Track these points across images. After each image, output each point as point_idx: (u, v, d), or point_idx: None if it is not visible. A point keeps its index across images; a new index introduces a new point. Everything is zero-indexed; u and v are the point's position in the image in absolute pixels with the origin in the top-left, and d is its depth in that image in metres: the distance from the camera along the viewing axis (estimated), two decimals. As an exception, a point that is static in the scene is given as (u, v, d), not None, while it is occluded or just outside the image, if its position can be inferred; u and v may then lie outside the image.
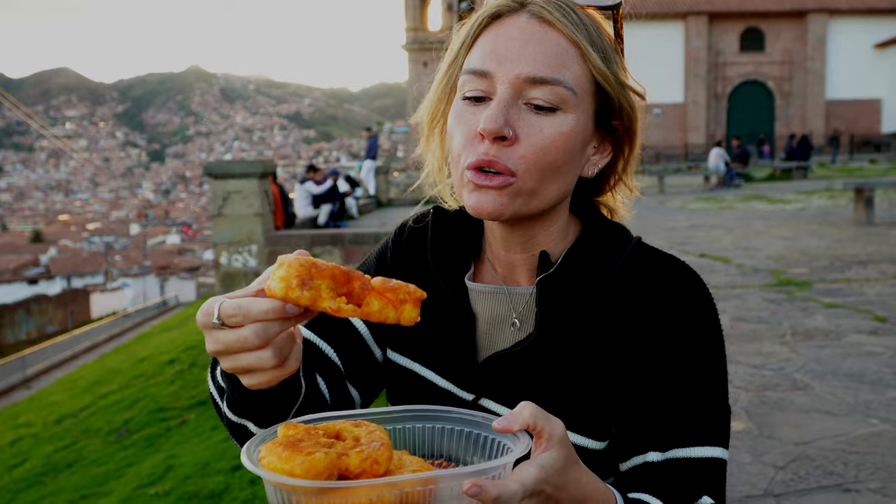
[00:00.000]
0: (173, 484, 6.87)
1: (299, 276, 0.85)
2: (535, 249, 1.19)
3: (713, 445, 1.12)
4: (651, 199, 23.45)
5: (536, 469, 0.84)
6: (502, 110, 1.04)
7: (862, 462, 4.40)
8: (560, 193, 1.13)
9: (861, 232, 14.35)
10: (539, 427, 0.86)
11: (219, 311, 0.88)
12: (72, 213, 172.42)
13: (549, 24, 1.07)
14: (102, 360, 25.34)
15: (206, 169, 12.49)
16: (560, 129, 1.07)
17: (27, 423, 14.93)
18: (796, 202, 20.55)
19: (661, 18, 50.57)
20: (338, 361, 1.27)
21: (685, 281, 1.16)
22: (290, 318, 0.88)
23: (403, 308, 0.91)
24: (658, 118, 51.30)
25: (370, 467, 0.81)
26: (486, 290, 1.23)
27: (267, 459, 0.80)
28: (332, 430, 0.89)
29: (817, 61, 50.62)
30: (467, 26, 1.13)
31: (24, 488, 9.60)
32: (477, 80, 1.08)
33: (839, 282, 9.72)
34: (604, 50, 1.11)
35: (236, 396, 1.02)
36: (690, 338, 1.13)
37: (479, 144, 1.07)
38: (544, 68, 1.05)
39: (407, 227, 1.35)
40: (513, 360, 1.17)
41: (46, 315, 51.33)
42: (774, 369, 6.25)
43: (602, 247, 1.19)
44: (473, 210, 1.09)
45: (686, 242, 13.83)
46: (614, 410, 1.14)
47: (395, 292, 0.91)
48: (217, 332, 0.89)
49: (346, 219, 18.62)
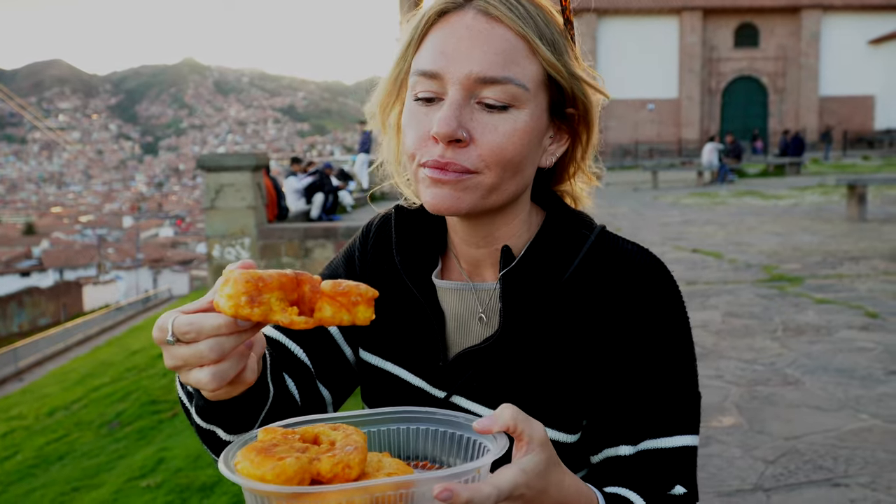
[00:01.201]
0: (165, 476, 6.88)
1: (247, 292, 0.84)
2: (498, 243, 1.19)
3: (683, 434, 1.12)
4: (645, 195, 23.47)
5: (516, 472, 0.84)
6: (454, 113, 1.03)
7: (851, 457, 4.43)
8: (519, 187, 1.12)
9: (854, 228, 14.40)
10: (519, 429, 0.86)
11: (172, 327, 0.88)
12: (65, 206, 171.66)
13: (496, 20, 1.05)
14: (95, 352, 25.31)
15: (200, 162, 12.46)
16: (514, 126, 1.06)
17: (19, 415, 14.91)
18: (789, 198, 20.60)
19: (656, 13, 50.58)
20: (307, 362, 1.27)
21: (649, 269, 1.15)
22: (244, 332, 0.88)
23: (357, 309, 0.90)
24: (652, 113, 51.36)
25: (342, 472, 0.81)
26: (453, 286, 1.23)
27: (241, 465, 0.80)
28: (310, 434, 0.89)
29: (811, 57, 50.70)
30: (413, 23, 1.12)
31: (15, 480, 9.58)
32: (427, 82, 1.07)
33: (831, 277, 9.76)
34: (553, 41, 1.09)
35: (203, 404, 1.02)
36: (655, 327, 1.12)
37: (434, 146, 1.06)
38: (494, 67, 1.04)
39: (373, 226, 1.34)
40: (481, 356, 1.17)
41: (39, 307, 51.19)
42: (765, 364, 6.27)
43: (564, 237, 1.18)
44: (431, 206, 1.08)
45: (679, 238, 13.85)
46: (585, 403, 1.14)
47: (346, 295, 0.90)
48: (173, 347, 0.89)
49: (339, 212, 18.60)
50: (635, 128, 50.86)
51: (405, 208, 1.29)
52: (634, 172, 34.85)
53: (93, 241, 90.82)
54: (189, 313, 0.89)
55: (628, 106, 50.81)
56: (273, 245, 12.36)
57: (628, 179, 30.58)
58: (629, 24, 50.47)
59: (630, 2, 50.42)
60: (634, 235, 13.91)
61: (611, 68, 50.06)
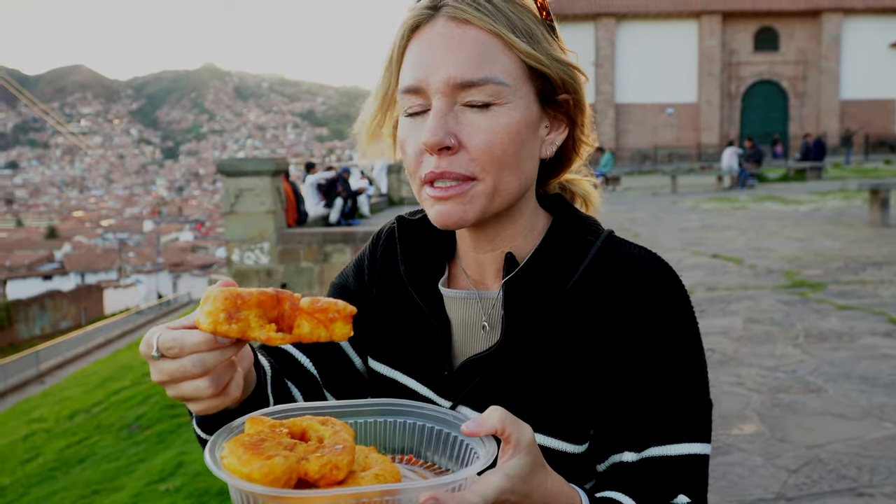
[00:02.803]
0: (184, 480, 6.90)
1: (225, 309, 0.86)
2: (503, 247, 1.18)
3: (691, 442, 1.09)
4: (664, 199, 23.36)
5: (501, 478, 0.84)
6: (440, 121, 1.04)
7: (876, 466, 4.37)
8: (521, 184, 1.11)
9: (876, 233, 14.25)
10: (507, 432, 0.86)
11: (157, 342, 0.89)
12: (86, 210, 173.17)
13: (466, 23, 1.05)
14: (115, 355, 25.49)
15: (219, 166, 12.54)
16: (500, 123, 1.05)
17: (40, 417, 15.04)
18: (810, 203, 20.44)
19: (675, 17, 50.38)
20: (314, 371, 1.28)
21: (655, 273, 1.13)
22: (225, 348, 0.89)
23: (334, 326, 0.91)
24: (671, 118, 51.14)
25: (330, 472, 0.81)
26: (458, 295, 1.22)
27: (228, 460, 0.81)
28: (298, 427, 0.90)
29: (832, 61, 50.31)
30: (391, 44, 1.13)
31: (36, 483, 9.65)
32: (412, 97, 1.08)
33: (853, 283, 9.66)
34: (528, 32, 1.08)
35: (203, 417, 1.03)
36: (662, 332, 1.11)
37: (429, 158, 1.07)
38: (469, 70, 1.04)
39: (382, 235, 1.35)
40: (486, 365, 1.16)
41: (60, 311, 51.67)
42: (787, 371, 6.21)
43: (570, 243, 1.17)
44: (438, 223, 1.09)
45: (698, 243, 13.77)
46: (591, 412, 1.13)
47: (324, 312, 0.91)
48: (159, 362, 0.90)
49: (357, 217, 18.64)
50: (654, 132, 50.66)
51: (408, 219, 1.30)
52: (653, 177, 34.70)
53: (114, 245, 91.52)
54: (174, 329, 0.90)
55: (647, 110, 50.63)
56: (292, 249, 12.41)
57: (647, 184, 30.46)
58: (648, 28, 50.31)
59: (649, 6, 50.26)
60: (653, 240, 13.84)
61: (630, 72, 49.95)
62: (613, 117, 50.22)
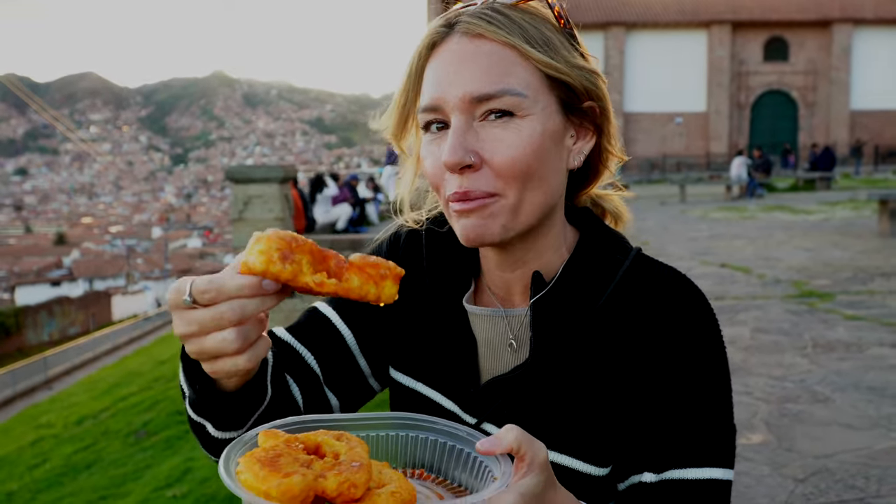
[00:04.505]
0: (191, 486, 6.91)
1: (280, 249, 0.83)
2: (530, 266, 1.17)
3: (713, 466, 1.08)
4: (672, 208, 23.32)
5: (515, 498, 0.83)
6: (459, 139, 1.03)
7: (884, 476, 4.35)
8: (547, 198, 1.09)
9: (885, 244, 14.20)
10: (522, 451, 0.86)
11: (191, 287, 0.85)
12: (95, 216, 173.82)
13: (480, 37, 1.05)
14: (123, 362, 25.53)
15: (228, 173, 12.57)
16: (522, 136, 1.04)
17: (48, 423, 15.07)
18: (819, 213, 20.38)
19: (684, 27, 50.38)
20: (316, 367, 1.25)
21: (685, 296, 1.13)
22: (266, 295, 0.85)
23: (384, 284, 0.89)
24: (680, 127, 51.09)
25: (347, 491, 0.79)
26: (484, 312, 1.21)
27: (244, 476, 0.79)
28: (313, 442, 0.88)
29: (842, 71, 50.22)
30: (410, 64, 1.12)
31: (44, 488, 9.67)
32: (430, 115, 1.07)
33: (862, 294, 9.63)
34: (545, 41, 1.07)
35: (197, 395, 1.01)
36: (690, 355, 1.09)
37: (451, 176, 1.06)
38: (485, 84, 1.03)
39: (402, 240, 1.33)
40: (512, 385, 1.14)
41: (68, 317, 51.81)
42: (795, 381, 6.19)
43: (598, 262, 1.15)
44: (463, 239, 1.08)
45: (707, 252, 13.74)
46: (616, 435, 1.11)
47: (376, 267, 0.89)
48: (188, 311, 0.86)
49: (366, 224, 18.66)
50: (663, 141, 50.60)
51: (437, 230, 1.28)
52: (662, 186, 34.64)
53: (122, 252, 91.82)
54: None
55: (656, 119, 50.60)
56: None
57: (656, 193, 30.41)
58: (657, 37, 50.31)
59: (658, 15, 50.28)
60: (661, 249, 13.82)
61: (639, 82, 49.92)
62: (622, 126, 50.06)
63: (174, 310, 0.88)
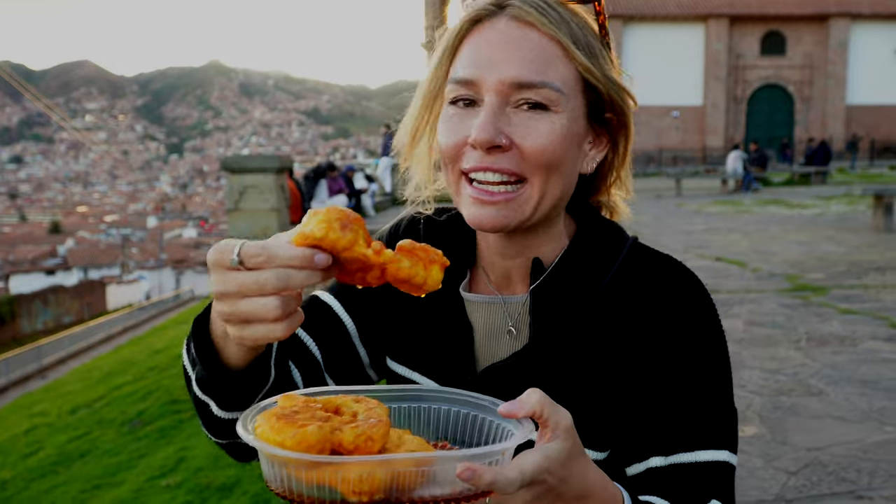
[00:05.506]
0: (185, 476, 6.91)
1: (339, 219, 0.85)
2: (530, 254, 1.17)
3: (718, 449, 1.09)
4: (668, 202, 23.34)
5: (540, 457, 0.82)
6: (492, 119, 1.03)
7: (875, 469, 4.37)
8: (563, 193, 1.11)
9: (879, 238, 14.24)
10: (546, 415, 0.84)
11: (240, 248, 0.85)
12: (90, 205, 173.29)
13: (530, 25, 1.05)
14: (117, 351, 25.49)
15: (224, 163, 12.56)
16: (553, 129, 1.05)
17: (42, 412, 15.05)
18: (814, 207, 20.42)
19: (682, 20, 50.35)
20: (317, 353, 1.26)
21: (683, 282, 1.14)
22: (315, 270, 0.84)
23: (432, 268, 0.90)
24: (676, 120, 51.11)
25: (364, 444, 0.79)
26: (482, 300, 1.21)
27: (261, 429, 0.79)
28: (332, 404, 0.88)
29: (839, 66, 50.26)
30: (449, 34, 1.12)
31: (37, 477, 9.67)
32: (463, 89, 1.07)
33: (856, 288, 9.65)
34: (588, 46, 1.09)
35: (205, 373, 1.02)
36: (690, 341, 1.11)
37: (472, 152, 1.06)
38: (529, 72, 1.03)
39: (402, 229, 1.33)
40: (511, 371, 1.15)
41: (63, 306, 51.72)
42: (789, 374, 6.21)
43: (597, 250, 1.17)
44: (473, 223, 1.08)
45: (702, 246, 13.76)
46: (616, 419, 1.12)
47: (426, 251, 0.90)
48: (232, 272, 0.85)
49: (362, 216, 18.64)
50: (659, 135, 50.60)
51: (434, 219, 1.28)
52: (658, 179, 34.63)
53: (117, 241, 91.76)
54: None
55: (652, 112, 50.59)
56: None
57: (651, 186, 30.41)
58: (655, 30, 50.27)
59: (656, 8, 50.22)
60: (656, 242, 13.81)
61: (635, 74, 49.35)
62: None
63: (216, 268, 0.87)
